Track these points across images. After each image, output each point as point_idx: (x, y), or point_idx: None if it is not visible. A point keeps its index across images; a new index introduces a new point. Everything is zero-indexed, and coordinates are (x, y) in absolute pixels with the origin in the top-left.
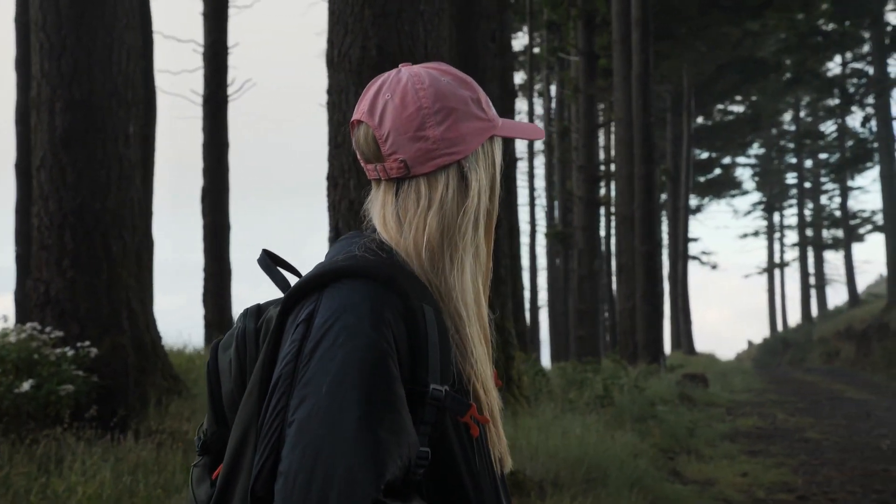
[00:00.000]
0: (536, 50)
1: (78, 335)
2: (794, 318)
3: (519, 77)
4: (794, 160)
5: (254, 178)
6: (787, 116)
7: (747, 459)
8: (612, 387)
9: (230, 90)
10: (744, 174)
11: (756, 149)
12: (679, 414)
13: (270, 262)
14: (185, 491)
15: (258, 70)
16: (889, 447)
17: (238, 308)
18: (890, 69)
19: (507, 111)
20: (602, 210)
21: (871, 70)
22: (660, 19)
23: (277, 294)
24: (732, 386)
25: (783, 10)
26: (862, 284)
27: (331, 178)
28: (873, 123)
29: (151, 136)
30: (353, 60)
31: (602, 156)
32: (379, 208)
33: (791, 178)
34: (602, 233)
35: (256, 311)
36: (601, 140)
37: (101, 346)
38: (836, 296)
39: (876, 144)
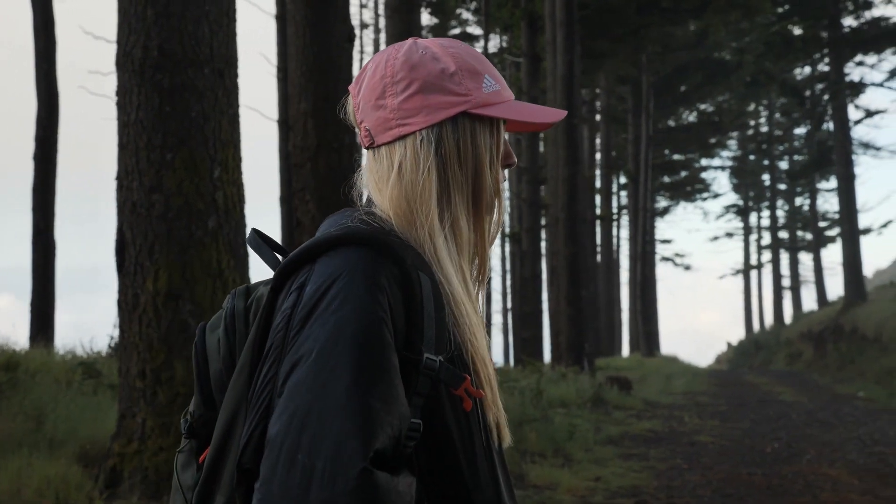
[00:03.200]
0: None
1: None
2: (771, 319)
3: None
4: (766, 162)
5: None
6: (762, 118)
7: (618, 463)
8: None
9: None
10: (717, 176)
11: (734, 150)
12: (571, 417)
13: (260, 241)
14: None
15: None
16: (773, 451)
17: None
18: (849, 72)
19: None
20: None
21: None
22: (598, 19)
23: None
24: (671, 388)
25: (720, 12)
26: (837, 286)
27: (118, 179)
28: (830, 126)
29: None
30: (135, 60)
31: None
32: (366, 175)
33: (766, 179)
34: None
35: (245, 291)
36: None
37: None
38: (812, 297)
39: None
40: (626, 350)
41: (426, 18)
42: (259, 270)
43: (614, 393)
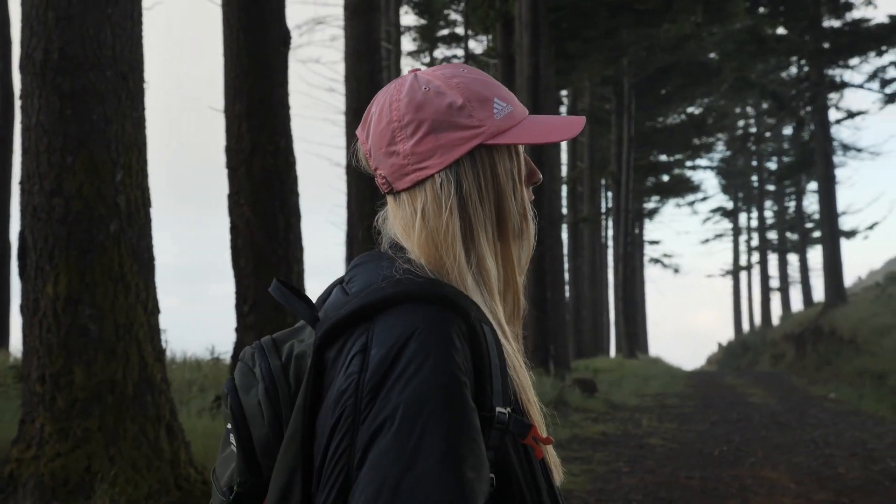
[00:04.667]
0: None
1: None
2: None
3: None
4: (754, 163)
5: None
6: (751, 119)
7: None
8: None
9: None
10: (707, 177)
11: (720, 151)
12: None
13: (286, 291)
14: None
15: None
16: (720, 454)
17: None
18: (834, 74)
19: None
20: None
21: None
22: (571, 22)
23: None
24: (644, 390)
25: (686, 12)
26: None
27: (21, 183)
28: (812, 127)
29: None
30: (36, 63)
31: None
32: (391, 220)
33: (754, 180)
34: None
35: (274, 346)
36: None
37: None
38: (800, 298)
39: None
40: (614, 351)
41: (412, 19)
42: (161, 275)
43: (577, 395)
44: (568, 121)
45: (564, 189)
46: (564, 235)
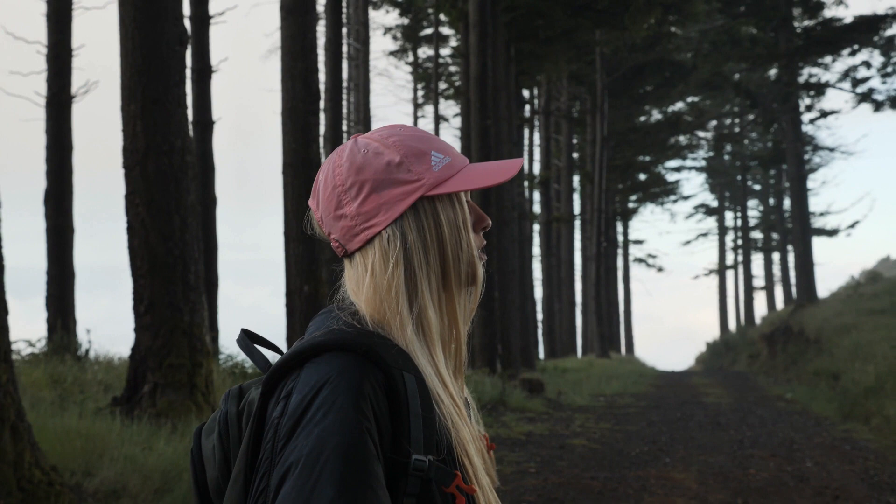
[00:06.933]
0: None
1: None
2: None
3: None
4: (738, 163)
5: (100, 180)
6: (737, 118)
7: None
8: None
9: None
10: (689, 177)
11: (704, 151)
12: None
13: (249, 342)
14: None
15: (108, 72)
16: (638, 454)
17: (82, 312)
18: (815, 73)
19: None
20: None
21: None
22: (528, 22)
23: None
24: (602, 390)
25: (641, 13)
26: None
27: None
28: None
29: None
30: None
31: None
32: (346, 282)
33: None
34: None
35: (238, 394)
36: None
37: None
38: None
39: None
40: (585, 351)
41: (393, 18)
42: (96, 275)
43: (520, 396)
44: (505, 164)
45: (530, 188)
46: (536, 235)
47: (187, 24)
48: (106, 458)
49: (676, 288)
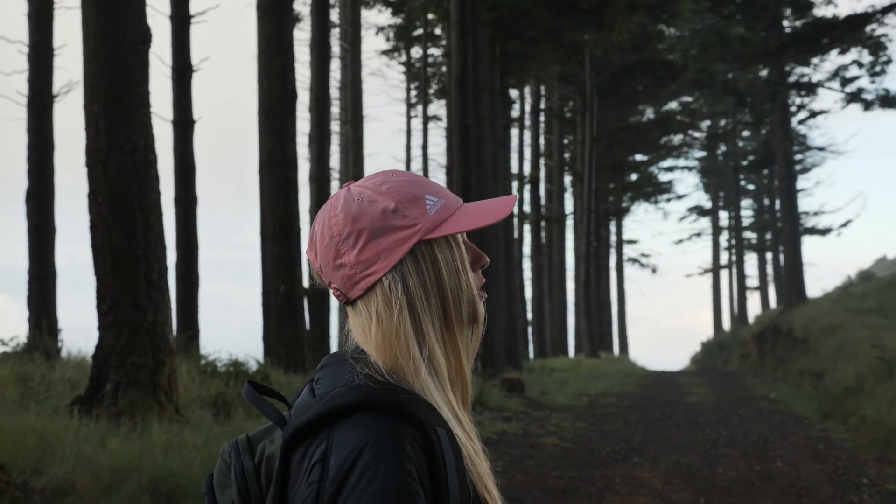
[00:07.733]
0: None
1: None
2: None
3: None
4: (732, 163)
5: (83, 180)
6: (726, 118)
7: None
8: None
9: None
10: (682, 177)
11: (697, 150)
12: None
13: (257, 394)
14: None
15: None
16: (609, 453)
17: (64, 311)
18: (805, 72)
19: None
20: None
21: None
22: (512, 22)
23: (261, 420)
24: (587, 390)
25: (622, 13)
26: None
27: None
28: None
29: None
30: None
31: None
32: (353, 330)
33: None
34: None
35: (248, 447)
36: None
37: None
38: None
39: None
40: (571, 351)
41: (385, 18)
42: (81, 274)
43: (498, 395)
44: (498, 203)
45: (520, 188)
46: (527, 235)
47: (168, 23)
48: (57, 456)
49: (672, 288)
